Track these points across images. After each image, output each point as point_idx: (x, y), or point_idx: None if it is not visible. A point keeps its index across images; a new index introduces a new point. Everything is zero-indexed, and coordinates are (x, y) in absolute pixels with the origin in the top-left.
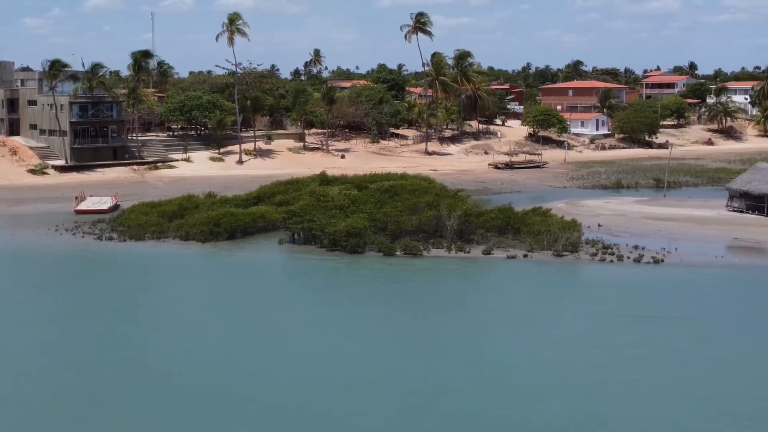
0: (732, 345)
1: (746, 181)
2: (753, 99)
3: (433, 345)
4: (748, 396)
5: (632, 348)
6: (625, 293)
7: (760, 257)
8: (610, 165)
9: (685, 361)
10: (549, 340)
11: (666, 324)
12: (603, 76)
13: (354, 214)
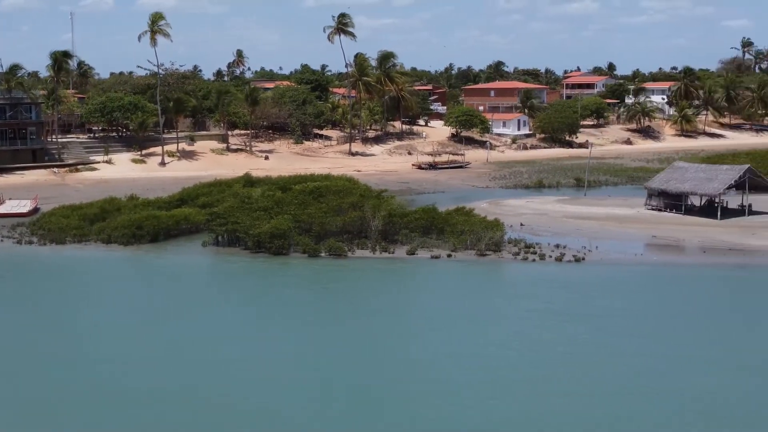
0: (653, 341)
1: (664, 180)
2: (670, 99)
3: (360, 346)
4: (669, 390)
5: (557, 346)
6: (546, 292)
7: (678, 255)
8: (531, 165)
9: (610, 359)
10: (474, 339)
11: (588, 321)
12: (524, 76)
13: (278, 215)
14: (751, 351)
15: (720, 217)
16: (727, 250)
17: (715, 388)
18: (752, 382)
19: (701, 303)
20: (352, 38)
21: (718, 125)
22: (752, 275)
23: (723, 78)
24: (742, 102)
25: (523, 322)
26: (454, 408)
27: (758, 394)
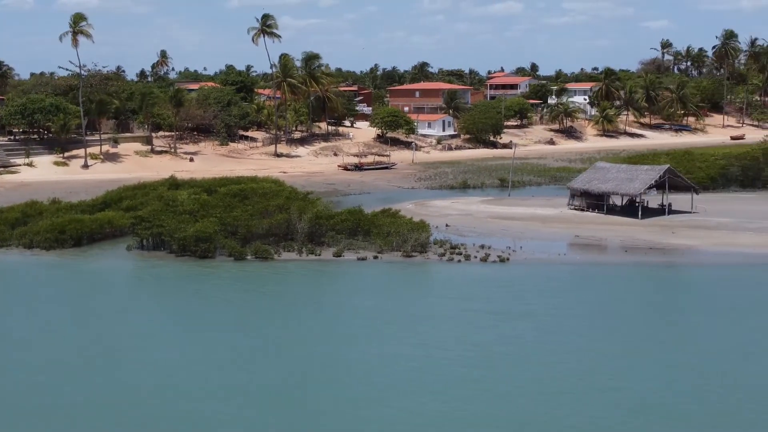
0: (578, 340)
1: (586, 180)
2: (592, 100)
3: (289, 350)
4: (604, 388)
5: (489, 346)
6: (472, 292)
7: (601, 254)
8: (456, 165)
9: (542, 358)
10: (404, 340)
11: (516, 321)
12: (449, 77)
13: (204, 218)
14: (676, 348)
15: (641, 217)
16: (648, 249)
17: (648, 385)
18: (683, 379)
19: (624, 302)
20: (276, 39)
21: (638, 125)
22: (672, 274)
23: (643, 79)
24: (661, 102)
25: (451, 322)
26: (387, 410)
27: (690, 391)
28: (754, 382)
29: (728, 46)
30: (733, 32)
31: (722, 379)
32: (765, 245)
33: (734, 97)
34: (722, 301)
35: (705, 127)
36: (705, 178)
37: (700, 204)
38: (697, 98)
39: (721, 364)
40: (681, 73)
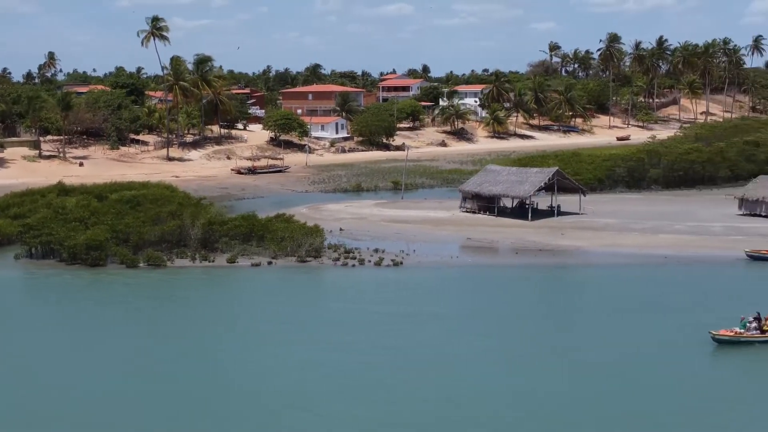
0: (484, 341)
1: (477, 183)
2: (482, 102)
3: (181, 359)
4: (510, 389)
5: (396, 350)
6: (369, 296)
7: (492, 256)
8: (350, 168)
9: (449, 360)
10: (308, 345)
11: (408, 324)
12: (341, 79)
13: (94, 226)
14: (566, 348)
15: (531, 219)
16: (538, 251)
17: (549, 385)
18: (588, 378)
19: (518, 303)
20: (167, 42)
21: (528, 127)
22: (562, 275)
23: (532, 81)
24: (550, 104)
25: (356, 326)
26: (305, 415)
27: (591, 391)
28: (646, 376)
29: (613, 48)
30: (616, 35)
31: (621, 377)
32: (649, 245)
33: (620, 98)
34: (609, 301)
35: (592, 128)
36: (592, 179)
37: (588, 205)
38: (584, 100)
39: (614, 363)
40: (568, 75)
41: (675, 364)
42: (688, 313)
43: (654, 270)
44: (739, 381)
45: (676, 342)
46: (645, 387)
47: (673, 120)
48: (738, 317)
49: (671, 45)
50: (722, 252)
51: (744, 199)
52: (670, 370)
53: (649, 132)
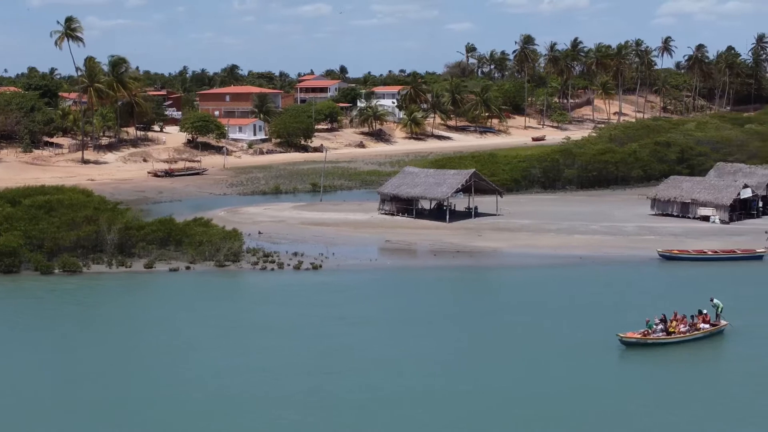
0: (387, 346)
1: (396, 185)
2: (400, 103)
3: (115, 367)
4: (438, 390)
5: (306, 354)
6: (286, 300)
7: (411, 258)
8: (268, 170)
9: (381, 363)
10: (239, 350)
11: (330, 328)
12: (259, 80)
13: (7, 232)
14: (477, 350)
15: (449, 220)
16: (456, 252)
17: (459, 386)
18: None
19: (431, 306)
20: (81, 44)
21: (445, 128)
22: (478, 276)
23: (449, 82)
24: (466, 105)
25: (268, 332)
26: (242, 420)
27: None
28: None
29: (527, 50)
30: (530, 37)
31: (528, 381)
32: (564, 246)
33: (535, 99)
34: (522, 303)
35: (508, 128)
36: (509, 180)
37: (505, 206)
38: (500, 101)
39: (523, 367)
40: (485, 76)
41: (582, 368)
42: (600, 315)
43: (569, 271)
44: (645, 384)
45: (586, 345)
46: (551, 391)
47: (587, 120)
48: (651, 317)
49: (585, 46)
50: (635, 252)
51: (656, 200)
52: (576, 373)
53: (564, 132)
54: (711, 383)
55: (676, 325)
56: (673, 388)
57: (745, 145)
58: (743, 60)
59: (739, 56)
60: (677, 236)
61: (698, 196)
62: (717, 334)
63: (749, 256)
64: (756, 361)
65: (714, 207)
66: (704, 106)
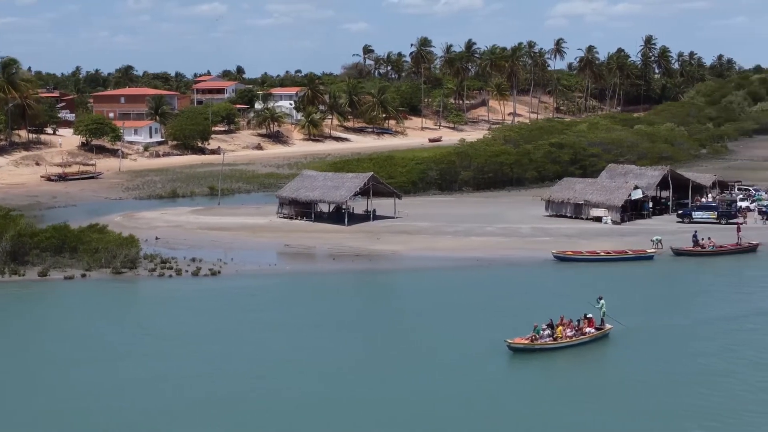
0: (284, 352)
1: (294, 188)
2: (297, 104)
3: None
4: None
5: (210, 362)
6: (180, 309)
7: (310, 263)
8: (165, 173)
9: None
10: (122, 362)
11: (227, 335)
12: (155, 81)
13: None
14: (367, 355)
15: (347, 224)
16: (355, 256)
17: (345, 392)
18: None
19: (331, 311)
20: None
21: (343, 129)
22: (376, 280)
23: (346, 83)
24: (364, 106)
25: (170, 340)
26: None
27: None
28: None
29: (424, 51)
30: (427, 39)
31: (419, 388)
32: (461, 248)
33: (431, 100)
34: (417, 308)
35: (405, 129)
36: (406, 182)
37: (403, 209)
38: (397, 102)
39: (415, 374)
40: (381, 77)
41: (468, 375)
42: (493, 319)
43: (466, 273)
44: (532, 390)
45: (476, 350)
46: (433, 397)
47: (482, 121)
48: (541, 321)
49: (479, 48)
50: (531, 253)
51: (550, 201)
52: (461, 381)
53: (460, 134)
54: (596, 389)
55: (562, 330)
56: (557, 395)
57: (635, 145)
58: (633, 61)
59: (629, 58)
60: (571, 237)
61: (591, 197)
62: (602, 338)
63: (640, 256)
64: (640, 364)
65: (606, 208)
66: (596, 107)
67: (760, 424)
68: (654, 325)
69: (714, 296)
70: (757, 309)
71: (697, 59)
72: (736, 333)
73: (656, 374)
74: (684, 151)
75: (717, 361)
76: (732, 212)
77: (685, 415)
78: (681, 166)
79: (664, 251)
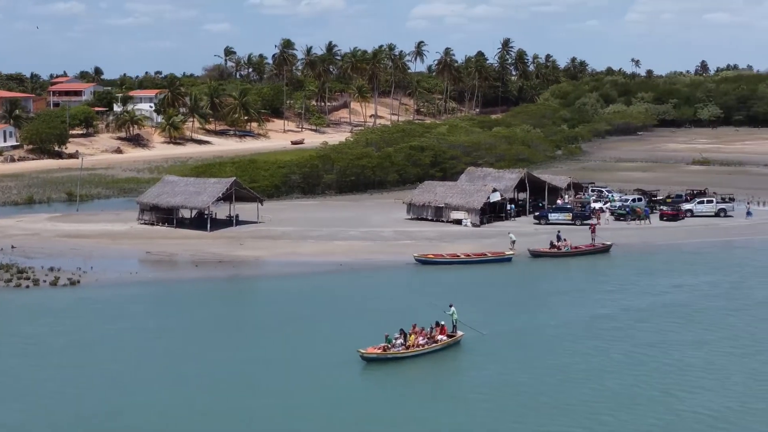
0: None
1: (156, 194)
2: (157, 107)
3: None
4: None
5: (67, 375)
6: (38, 321)
7: (173, 270)
8: (20, 179)
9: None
10: None
11: (72, 352)
12: (9, 82)
13: None
14: (217, 366)
15: (210, 229)
16: (218, 262)
17: (197, 403)
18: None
19: (186, 320)
20: None
21: (204, 132)
22: (238, 286)
23: (207, 85)
24: (225, 109)
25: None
26: None
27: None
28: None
29: (286, 54)
30: (290, 41)
31: (272, 399)
32: (325, 253)
33: (294, 102)
34: (275, 315)
35: (267, 132)
36: (269, 186)
37: (266, 213)
38: (259, 104)
39: (271, 385)
40: (243, 79)
41: (323, 386)
42: (350, 327)
43: (328, 279)
44: (385, 400)
45: (331, 360)
46: (288, 409)
47: (344, 123)
48: (402, 325)
49: (341, 50)
50: (393, 257)
51: (411, 204)
52: (316, 392)
53: (323, 136)
54: (449, 395)
55: (415, 338)
56: (409, 403)
57: (494, 147)
58: (491, 64)
59: (487, 60)
60: (432, 240)
61: (451, 200)
62: (455, 344)
63: (499, 258)
64: (494, 369)
65: (466, 211)
66: (455, 109)
67: (614, 422)
68: (510, 329)
69: (571, 297)
70: (613, 309)
71: (552, 62)
72: (594, 333)
73: (511, 378)
74: (540, 153)
75: (574, 362)
76: (586, 213)
77: (542, 415)
78: (537, 167)
79: (521, 253)
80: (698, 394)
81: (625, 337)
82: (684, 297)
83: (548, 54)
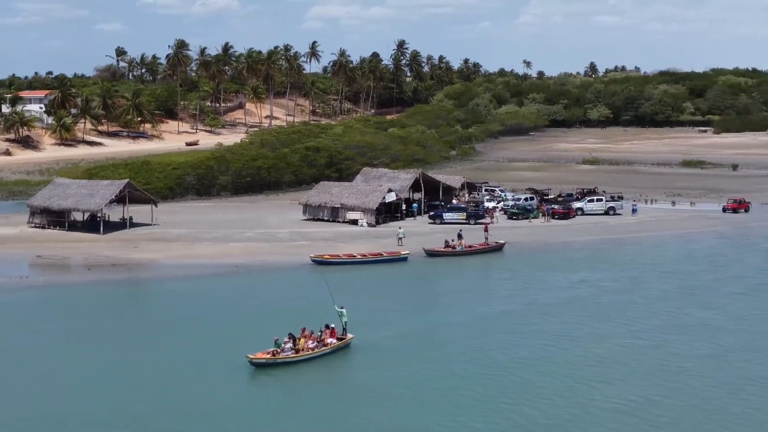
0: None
1: (46, 197)
2: (48, 108)
3: None
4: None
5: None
6: None
7: (65, 274)
8: None
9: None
10: None
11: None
12: None
13: None
14: (115, 368)
15: (103, 232)
16: (112, 266)
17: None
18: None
19: (74, 325)
20: None
21: (96, 133)
22: (133, 290)
23: (99, 86)
24: (118, 110)
25: None
26: None
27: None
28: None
29: (180, 54)
30: (184, 42)
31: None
32: (220, 255)
33: (188, 103)
34: (166, 319)
35: (161, 133)
36: (163, 188)
37: (161, 215)
38: (153, 105)
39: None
40: (136, 80)
41: (210, 393)
42: (240, 330)
43: (223, 281)
44: (274, 406)
45: (220, 365)
46: (174, 417)
47: (240, 124)
48: (292, 327)
49: (236, 51)
50: (289, 258)
51: (307, 205)
52: (202, 399)
53: (218, 137)
54: (340, 398)
55: (304, 342)
56: (299, 408)
57: (389, 148)
58: (386, 65)
59: (381, 61)
60: (328, 241)
61: (347, 201)
62: (345, 347)
63: (395, 258)
64: (384, 371)
65: (362, 211)
66: (350, 109)
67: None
68: (408, 329)
69: (471, 296)
70: (516, 306)
71: (446, 63)
72: (497, 329)
73: (406, 377)
74: (435, 153)
75: (475, 358)
76: (480, 213)
77: (441, 411)
78: (432, 167)
79: (417, 252)
80: (604, 386)
81: (529, 332)
82: (584, 292)
83: (442, 55)
